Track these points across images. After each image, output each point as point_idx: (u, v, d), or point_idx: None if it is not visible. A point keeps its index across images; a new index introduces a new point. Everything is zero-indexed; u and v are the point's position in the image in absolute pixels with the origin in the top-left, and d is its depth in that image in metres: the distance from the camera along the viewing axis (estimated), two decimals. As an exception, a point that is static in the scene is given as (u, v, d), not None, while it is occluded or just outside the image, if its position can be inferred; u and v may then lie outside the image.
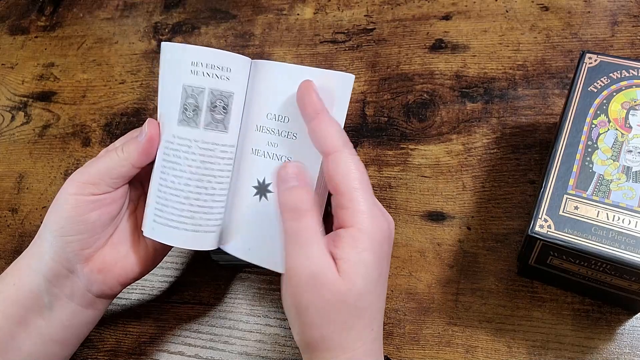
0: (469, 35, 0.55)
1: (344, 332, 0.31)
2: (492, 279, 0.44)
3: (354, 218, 0.31)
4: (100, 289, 0.38)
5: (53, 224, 0.36)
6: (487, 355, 0.41)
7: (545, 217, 0.36)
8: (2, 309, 0.37)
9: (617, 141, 0.37)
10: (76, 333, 0.40)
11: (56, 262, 0.36)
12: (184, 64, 0.36)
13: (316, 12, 0.61)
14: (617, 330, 0.40)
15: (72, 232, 0.36)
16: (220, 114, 0.36)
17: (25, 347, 0.37)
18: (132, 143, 0.36)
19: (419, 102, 0.53)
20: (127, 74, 0.62)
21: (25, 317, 0.37)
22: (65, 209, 0.36)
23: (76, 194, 0.36)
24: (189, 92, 0.36)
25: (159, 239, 0.37)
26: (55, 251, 0.36)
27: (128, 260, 0.39)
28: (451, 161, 0.49)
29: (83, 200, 0.36)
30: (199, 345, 0.45)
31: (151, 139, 0.36)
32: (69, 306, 0.38)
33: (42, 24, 0.69)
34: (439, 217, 0.47)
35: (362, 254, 0.30)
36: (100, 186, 0.36)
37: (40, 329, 0.37)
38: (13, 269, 0.38)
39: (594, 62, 0.41)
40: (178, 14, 0.65)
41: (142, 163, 0.37)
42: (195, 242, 0.37)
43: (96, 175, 0.36)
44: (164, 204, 0.37)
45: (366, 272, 0.31)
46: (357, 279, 0.30)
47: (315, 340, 0.31)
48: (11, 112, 0.63)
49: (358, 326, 0.31)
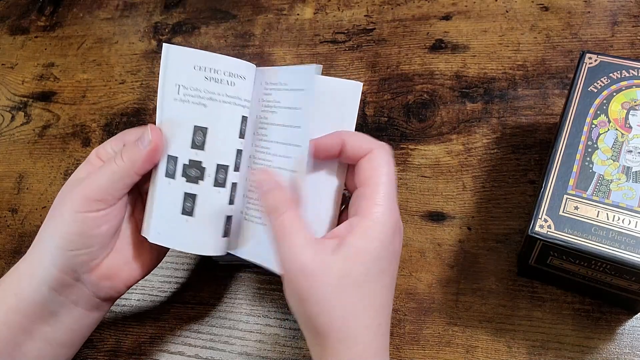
0: (469, 36, 0.55)
1: (351, 321, 0.31)
2: (493, 279, 0.44)
3: (372, 208, 0.32)
4: (108, 293, 0.38)
5: (58, 238, 0.35)
6: (487, 355, 0.41)
7: (545, 217, 0.36)
8: (4, 319, 0.36)
9: (617, 141, 0.37)
10: (81, 334, 0.39)
11: (62, 272, 0.36)
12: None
13: (316, 12, 0.61)
14: (617, 330, 0.40)
15: (81, 246, 0.36)
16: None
17: (32, 353, 0.37)
18: (133, 151, 0.36)
19: (419, 102, 0.53)
20: (127, 74, 0.62)
21: (29, 326, 0.37)
22: (74, 226, 0.35)
23: (82, 212, 0.35)
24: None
25: (165, 244, 0.37)
26: (60, 262, 0.36)
27: (133, 262, 0.39)
28: (451, 161, 0.49)
29: (91, 217, 0.35)
30: (199, 345, 0.45)
31: (156, 147, 0.36)
32: (74, 311, 0.38)
33: (42, 24, 0.69)
34: (439, 217, 0.47)
35: (371, 243, 0.31)
36: (107, 201, 0.36)
37: (45, 334, 0.37)
38: (12, 277, 0.37)
39: (594, 62, 0.41)
40: (178, 14, 0.65)
41: (145, 170, 0.36)
42: (201, 247, 0.37)
43: (101, 190, 0.35)
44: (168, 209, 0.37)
45: (371, 261, 0.31)
46: (358, 266, 0.31)
47: (324, 332, 0.31)
48: (11, 112, 0.63)
49: (364, 316, 0.31)
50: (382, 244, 0.31)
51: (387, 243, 0.32)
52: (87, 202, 0.35)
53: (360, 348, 0.31)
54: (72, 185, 0.37)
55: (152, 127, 0.36)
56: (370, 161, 0.33)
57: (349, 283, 0.30)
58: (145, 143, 0.36)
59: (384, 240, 0.31)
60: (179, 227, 0.37)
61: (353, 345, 0.31)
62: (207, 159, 0.36)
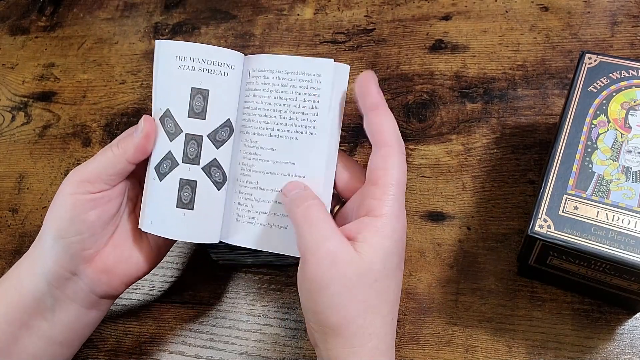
0: (469, 36, 0.55)
1: (368, 315, 0.31)
2: (492, 279, 0.44)
3: (383, 209, 0.32)
4: (105, 290, 0.38)
5: (52, 226, 0.36)
6: (487, 355, 0.41)
7: (545, 217, 0.36)
8: (4, 313, 0.37)
9: (617, 141, 0.37)
10: (79, 334, 0.40)
11: (58, 264, 0.36)
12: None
13: (316, 13, 0.61)
14: (617, 330, 0.40)
15: (72, 232, 0.36)
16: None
17: (29, 350, 0.37)
18: (128, 139, 0.36)
19: (419, 103, 0.53)
20: (128, 74, 0.62)
21: (28, 321, 0.37)
22: (64, 209, 0.36)
23: (73, 194, 0.36)
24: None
25: (159, 232, 0.37)
26: (56, 254, 0.36)
27: (131, 259, 0.39)
28: (451, 161, 0.49)
29: (81, 199, 0.36)
30: (199, 345, 0.45)
31: (147, 135, 0.36)
32: (72, 308, 0.38)
33: (43, 24, 0.69)
34: (439, 217, 0.47)
35: (384, 241, 0.32)
36: (96, 184, 0.36)
37: (43, 331, 0.37)
38: (14, 273, 0.38)
39: (593, 62, 0.41)
40: (178, 14, 0.65)
41: (137, 159, 0.37)
42: (197, 236, 0.37)
43: (92, 173, 0.36)
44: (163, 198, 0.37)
45: (385, 257, 0.32)
46: (377, 260, 0.31)
47: (338, 324, 0.31)
48: (12, 112, 0.63)
49: (380, 310, 0.32)
50: (396, 242, 0.32)
51: (399, 241, 0.33)
52: (77, 184, 0.36)
53: (374, 343, 0.31)
54: (71, 172, 0.38)
55: (146, 117, 0.37)
56: (384, 160, 0.33)
57: (370, 277, 0.31)
58: (138, 132, 0.36)
59: (397, 238, 0.32)
60: (173, 216, 0.37)
61: (367, 341, 0.31)
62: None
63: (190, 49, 0.36)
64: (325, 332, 0.31)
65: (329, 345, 0.31)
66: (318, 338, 0.32)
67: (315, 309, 0.31)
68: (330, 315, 0.31)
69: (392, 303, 0.33)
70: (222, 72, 0.36)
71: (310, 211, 0.32)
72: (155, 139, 0.37)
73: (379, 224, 0.32)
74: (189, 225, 0.37)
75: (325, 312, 0.31)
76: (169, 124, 0.37)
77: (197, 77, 0.36)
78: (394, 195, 0.33)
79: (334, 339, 0.31)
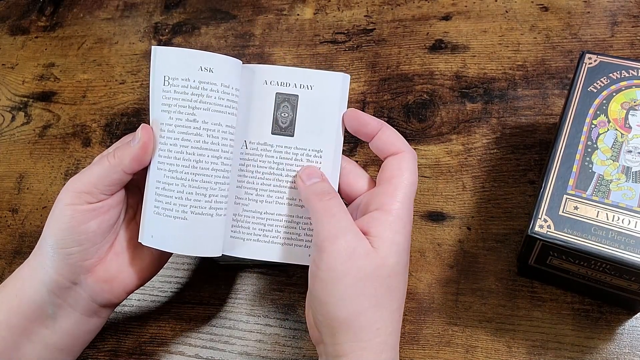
0: (469, 36, 0.55)
1: (378, 309, 0.31)
2: (492, 279, 0.44)
3: (395, 204, 0.33)
4: (106, 299, 0.38)
5: (52, 236, 0.36)
6: (487, 355, 0.41)
7: (545, 217, 0.36)
8: (5, 319, 0.36)
9: (617, 141, 0.37)
10: (80, 340, 0.39)
11: (59, 274, 0.36)
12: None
13: (316, 13, 0.61)
14: (617, 330, 0.40)
15: (72, 243, 0.36)
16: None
17: (30, 356, 0.37)
18: (124, 149, 0.36)
19: (419, 103, 0.53)
20: (128, 74, 0.62)
21: (29, 328, 0.37)
22: (63, 220, 0.35)
23: (72, 204, 0.35)
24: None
25: (160, 246, 0.37)
26: (57, 264, 0.36)
27: (133, 267, 0.39)
28: (451, 161, 0.49)
29: (79, 209, 0.35)
30: (199, 345, 0.45)
31: (144, 145, 0.35)
32: (73, 316, 0.38)
33: (43, 24, 0.69)
34: (439, 217, 0.47)
35: (396, 236, 0.32)
36: (94, 194, 0.36)
37: (44, 338, 0.37)
38: (15, 280, 0.38)
39: (593, 62, 0.41)
40: (178, 14, 0.65)
41: (134, 169, 0.36)
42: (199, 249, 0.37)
43: (89, 183, 0.35)
44: (164, 209, 0.36)
45: (398, 253, 0.32)
46: (391, 256, 0.32)
47: (347, 316, 0.31)
48: (11, 112, 0.63)
49: (390, 306, 0.32)
50: (406, 238, 0.33)
51: (408, 238, 0.34)
52: (75, 195, 0.35)
53: (382, 339, 0.31)
54: (68, 182, 0.37)
55: (144, 126, 0.36)
56: (397, 162, 0.35)
57: (383, 272, 0.32)
58: (135, 141, 0.36)
59: (406, 235, 0.33)
60: (173, 229, 0.36)
61: (375, 336, 0.31)
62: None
63: (191, 55, 0.36)
64: (332, 326, 0.31)
65: (337, 339, 0.31)
66: (325, 332, 0.32)
67: (327, 300, 0.31)
68: (343, 307, 0.31)
69: (400, 300, 0.33)
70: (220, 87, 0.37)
71: (332, 204, 0.33)
72: (154, 148, 0.36)
73: (391, 219, 0.33)
74: (191, 238, 0.37)
75: (337, 304, 0.31)
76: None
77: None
78: (406, 194, 0.34)
79: (342, 333, 0.31)
